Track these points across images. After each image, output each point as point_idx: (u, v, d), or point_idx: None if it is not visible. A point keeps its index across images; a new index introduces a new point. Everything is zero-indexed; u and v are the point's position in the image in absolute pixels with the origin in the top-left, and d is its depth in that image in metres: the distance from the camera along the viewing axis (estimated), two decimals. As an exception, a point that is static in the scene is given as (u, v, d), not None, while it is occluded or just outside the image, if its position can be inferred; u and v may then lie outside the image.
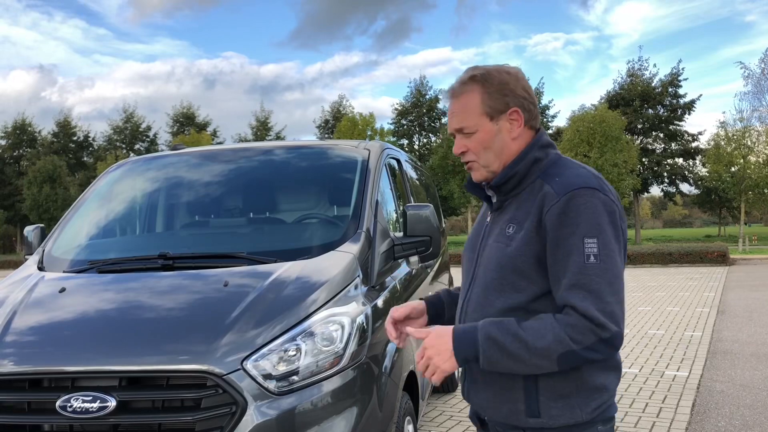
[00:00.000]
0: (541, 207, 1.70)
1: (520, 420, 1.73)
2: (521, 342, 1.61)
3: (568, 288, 1.62)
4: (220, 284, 2.95)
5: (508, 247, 1.73)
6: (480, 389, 1.81)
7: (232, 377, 2.52)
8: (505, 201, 1.83)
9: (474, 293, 1.82)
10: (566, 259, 1.63)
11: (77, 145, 65.73)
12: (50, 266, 3.46)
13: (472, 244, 1.92)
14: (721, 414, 5.34)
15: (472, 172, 1.86)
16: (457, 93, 1.82)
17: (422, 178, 6.13)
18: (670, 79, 48.77)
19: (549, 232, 1.66)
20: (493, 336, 1.63)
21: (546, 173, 1.77)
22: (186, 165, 4.24)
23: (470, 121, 1.80)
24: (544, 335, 1.60)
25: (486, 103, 1.78)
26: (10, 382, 2.64)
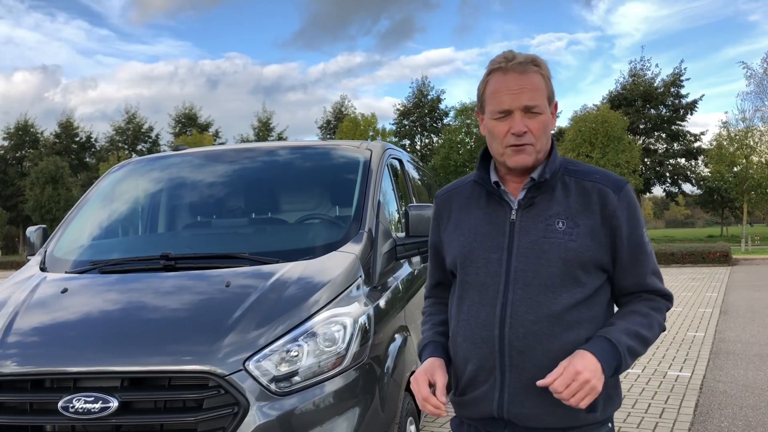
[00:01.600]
0: (602, 204, 1.75)
1: (578, 419, 1.73)
2: (645, 342, 1.75)
3: (648, 275, 1.80)
4: (222, 285, 2.95)
5: (571, 242, 1.72)
6: (529, 397, 1.71)
7: (234, 378, 2.52)
8: (534, 198, 1.77)
9: (519, 294, 1.72)
10: (639, 250, 1.78)
11: (79, 145, 65.84)
12: (52, 267, 3.46)
13: (489, 245, 1.79)
14: (723, 415, 5.33)
15: (522, 155, 1.73)
16: (523, 69, 1.73)
17: (424, 178, 6.13)
18: (672, 79, 48.73)
19: (619, 228, 1.75)
20: (631, 347, 1.72)
21: (566, 169, 1.82)
22: (188, 166, 4.24)
23: (540, 100, 1.74)
24: (652, 327, 1.77)
25: (548, 87, 1.77)
26: (13, 383, 2.64)
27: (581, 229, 1.73)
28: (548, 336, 1.70)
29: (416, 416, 3.52)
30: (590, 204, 1.75)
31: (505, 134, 1.74)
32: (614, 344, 1.67)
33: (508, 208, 1.80)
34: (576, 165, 1.84)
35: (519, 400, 1.73)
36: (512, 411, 1.74)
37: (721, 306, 12.05)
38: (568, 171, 1.81)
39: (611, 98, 48.65)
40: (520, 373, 1.72)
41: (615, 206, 1.74)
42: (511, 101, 1.72)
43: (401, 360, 3.24)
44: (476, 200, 1.87)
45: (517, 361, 1.72)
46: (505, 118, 1.74)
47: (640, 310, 1.77)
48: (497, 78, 1.75)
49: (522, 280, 1.73)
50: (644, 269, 1.79)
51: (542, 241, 1.73)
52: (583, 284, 1.73)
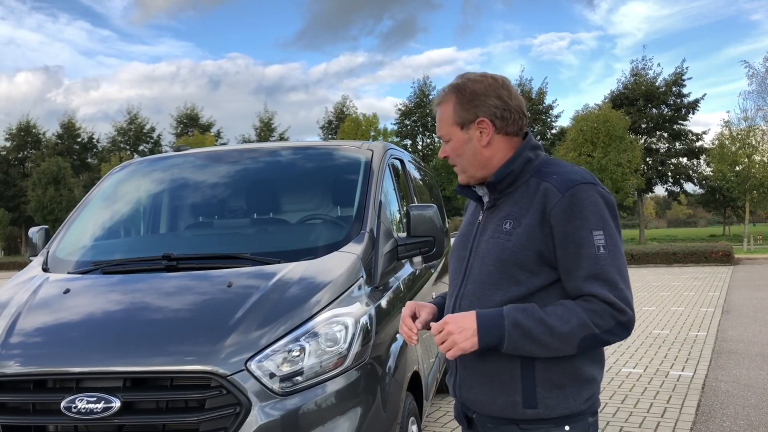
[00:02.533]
0: (544, 203, 1.78)
1: (516, 412, 1.79)
2: (546, 327, 1.69)
3: (584, 279, 1.73)
4: (224, 285, 2.95)
5: (508, 242, 1.80)
6: (474, 383, 1.86)
7: (236, 378, 2.53)
8: (498, 200, 1.90)
9: (468, 289, 1.88)
10: (578, 252, 1.73)
11: (81, 146, 65.92)
12: (55, 267, 3.46)
13: (462, 243, 1.98)
14: (726, 414, 5.33)
15: (459, 174, 1.96)
16: (437, 102, 1.95)
17: (426, 178, 6.13)
18: (674, 78, 48.68)
19: (557, 227, 1.75)
20: (520, 322, 1.70)
21: (539, 172, 1.87)
22: (190, 166, 4.24)
23: (444, 129, 1.94)
24: (568, 320, 1.70)
25: (457, 113, 1.90)
26: (15, 383, 2.65)
27: (521, 229, 1.79)
28: None
29: (418, 416, 3.52)
30: (533, 203, 1.80)
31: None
32: (502, 315, 1.72)
33: (481, 210, 1.98)
34: (550, 167, 1.87)
35: (466, 386, 1.90)
36: (463, 396, 1.92)
37: (723, 305, 12.04)
38: (539, 173, 1.86)
39: (613, 98, 48.61)
40: (465, 362, 1.87)
41: (553, 206, 1.75)
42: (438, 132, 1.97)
43: (403, 360, 3.25)
44: (471, 203, 2.08)
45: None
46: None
47: (564, 303, 1.73)
48: None
49: (472, 276, 1.88)
50: (582, 272, 1.72)
51: (489, 241, 1.86)
52: (519, 282, 1.78)
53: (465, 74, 1.94)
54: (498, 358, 1.79)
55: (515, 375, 1.78)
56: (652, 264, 23.70)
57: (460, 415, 2.00)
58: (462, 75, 1.94)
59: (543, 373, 1.77)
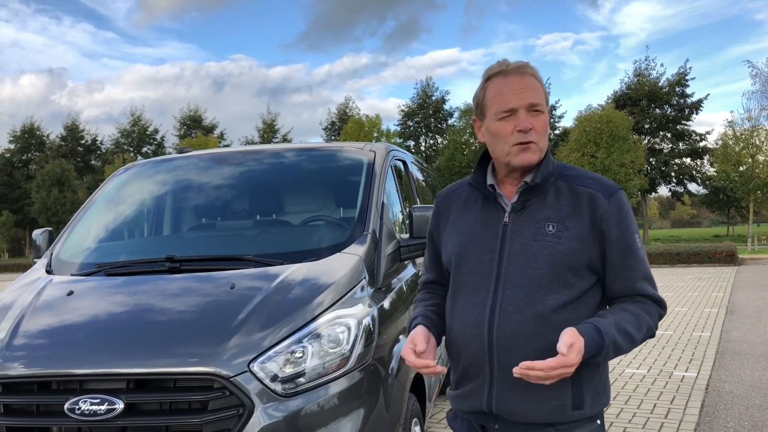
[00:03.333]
0: (592, 208, 1.78)
1: (565, 414, 1.78)
2: (629, 339, 1.75)
3: (636, 280, 1.80)
4: (227, 287, 2.96)
5: (559, 245, 1.75)
6: (516, 393, 1.77)
7: (239, 379, 2.53)
8: (527, 201, 1.82)
9: (508, 294, 1.77)
10: (629, 255, 1.79)
11: (85, 148, 66.09)
12: (58, 269, 3.48)
13: (482, 246, 1.84)
14: (730, 415, 5.31)
15: (528, 153, 1.77)
16: (523, 72, 1.79)
17: (428, 179, 6.13)
18: (677, 78, 48.66)
19: (609, 232, 1.78)
20: (616, 342, 1.72)
21: (562, 174, 1.85)
22: (193, 168, 4.25)
23: (541, 99, 1.79)
24: (641, 327, 1.78)
25: (544, 91, 1.82)
26: (19, 385, 2.66)
27: (570, 233, 1.77)
28: (534, 336, 1.75)
29: (421, 417, 3.52)
30: (580, 208, 1.79)
31: (511, 132, 1.77)
32: (603, 336, 1.69)
33: (502, 211, 1.85)
34: (571, 170, 1.88)
35: (507, 397, 1.79)
36: (500, 407, 1.80)
37: (727, 306, 12.02)
38: (562, 176, 1.85)
39: (616, 98, 48.59)
40: (508, 371, 1.75)
41: (605, 210, 1.78)
42: (516, 100, 1.76)
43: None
44: (473, 202, 1.93)
45: (504, 359, 1.76)
46: (509, 117, 1.77)
47: (631, 309, 1.79)
48: (498, 81, 1.80)
49: (511, 281, 1.78)
50: (634, 273, 1.80)
51: (532, 243, 1.78)
52: (571, 286, 1.77)
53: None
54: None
55: (566, 380, 1.72)
56: (655, 264, 23.65)
57: (473, 428, 1.90)
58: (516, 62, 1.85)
59: (587, 373, 1.79)
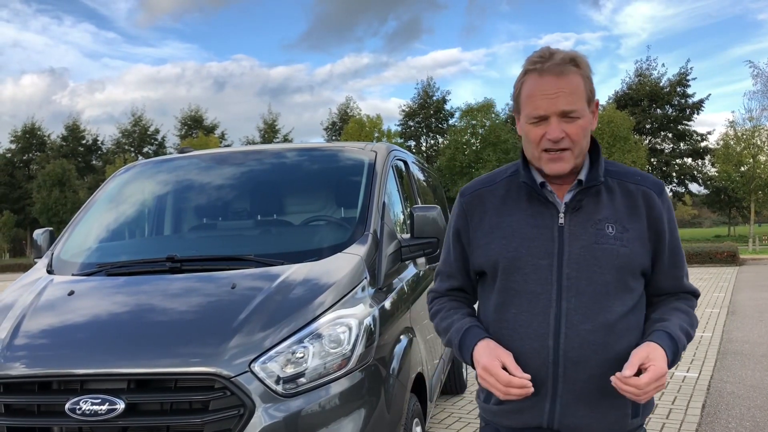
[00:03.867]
0: (648, 207, 1.74)
1: (625, 424, 1.76)
2: (689, 338, 1.75)
3: (683, 278, 1.82)
4: (228, 287, 2.95)
5: (623, 248, 1.68)
6: (581, 406, 1.69)
7: (240, 379, 2.53)
8: (581, 201, 1.71)
9: (573, 303, 1.66)
10: (678, 254, 1.80)
11: (86, 148, 66.17)
12: (59, 269, 3.47)
13: (538, 250, 1.71)
14: (731, 415, 5.31)
15: (560, 162, 1.66)
16: (560, 71, 1.63)
17: (429, 179, 6.13)
18: (679, 78, 48.65)
19: (663, 233, 1.75)
20: (684, 345, 1.73)
21: (609, 171, 1.77)
22: (194, 168, 4.25)
23: (579, 104, 1.64)
24: (693, 324, 1.79)
25: (587, 88, 1.67)
26: (20, 385, 2.66)
27: (631, 234, 1.69)
28: (603, 345, 1.67)
29: (422, 418, 3.52)
30: (637, 207, 1.72)
31: (540, 139, 1.66)
32: (676, 342, 1.68)
33: (555, 210, 1.72)
34: (614, 165, 1.80)
35: (571, 411, 1.70)
36: (564, 421, 1.70)
37: (728, 306, 12.01)
38: (609, 172, 1.76)
39: (617, 98, 48.58)
40: (574, 384, 1.68)
41: (660, 209, 1.74)
42: (548, 106, 1.63)
43: (406, 361, 3.24)
44: (515, 201, 1.78)
45: (572, 372, 1.67)
46: (540, 123, 1.65)
47: (681, 308, 1.78)
48: (533, 80, 1.66)
49: (575, 288, 1.67)
50: (681, 271, 1.81)
51: (594, 247, 1.67)
52: (632, 290, 1.72)
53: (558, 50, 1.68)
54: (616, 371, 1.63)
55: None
56: (656, 265, 23.59)
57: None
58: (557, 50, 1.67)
59: None
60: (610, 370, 1.64)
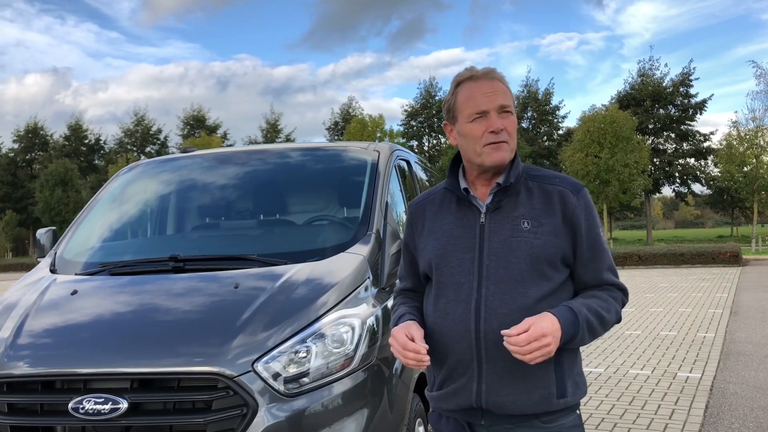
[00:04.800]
0: (563, 204, 1.89)
1: (551, 404, 1.85)
2: (601, 320, 1.85)
3: (603, 270, 1.92)
4: (231, 286, 2.96)
5: (536, 239, 1.85)
6: (504, 385, 1.84)
7: (242, 379, 2.53)
8: (501, 201, 1.91)
9: (492, 289, 1.84)
10: (596, 248, 1.91)
11: (88, 148, 66.26)
12: (62, 269, 3.47)
13: (462, 246, 1.91)
14: (734, 416, 5.30)
15: (500, 152, 1.87)
16: (492, 76, 1.90)
17: (432, 179, 6.12)
18: (681, 78, 48.56)
19: (579, 226, 1.89)
20: (590, 321, 1.82)
21: (529, 175, 1.96)
22: (197, 167, 4.25)
23: (510, 101, 1.90)
24: (610, 310, 1.88)
25: (512, 95, 1.94)
26: (23, 384, 2.66)
27: (545, 228, 1.86)
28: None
29: (425, 417, 3.52)
30: (552, 204, 1.89)
31: (482, 134, 1.87)
32: (576, 314, 1.79)
33: (478, 212, 1.94)
34: (537, 170, 1.99)
35: (495, 389, 1.84)
36: (489, 400, 1.85)
37: (731, 307, 11.99)
38: (530, 176, 1.96)
39: (620, 98, 48.52)
40: (496, 364, 1.83)
41: (574, 206, 1.89)
42: (487, 102, 1.86)
43: (410, 361, 3.24)
44: (447, 206, 2.01)
45: (493, 353, 1.82)
46: (481, 119, 1.87)
47: (599, 295, 1.90)
48: (468, 86, 1.90)
49: (494, 276, 1.85)
50: (601, 265, 1.92)
51: (510, 240, 1.86)
52: (549, 278, 1.86)
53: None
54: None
55: (550, 368, 1.83)
56: (659, 265, 23.61)
57: (459, 426, 1.94)
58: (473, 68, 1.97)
59: (568, 361, 1.88)
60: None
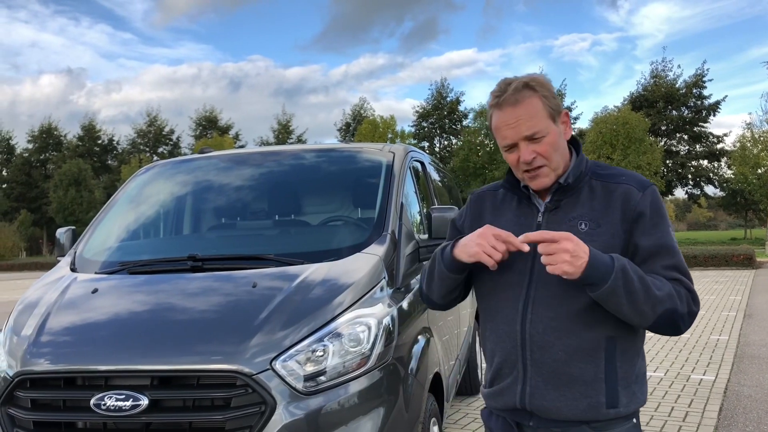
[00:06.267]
0: (624, 202, 1.81)
1: (599, 413, 1.77)
2: (644, 285, 1.70)
3: (668, 268, 1.78)
4: (249, 286, 2.99)
5: (592, 242, 1.74)
6: (550, 390, 1.79)
7: (261, 377, 2.56)
8: (561, 201, 1.86)
9: (542, 293, 1.80)
10: (661, 246, 1.78)
11: (102, 148, 66.70)
12: (82, 267, 3.52)
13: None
14: (749, 419, 5.28)
15: (539, 178, 1.83)
16: (515, 100, 1.81)
17: (445, 180, 6.15)
18: (695, 80, 48.26)
19: (641, 224, 1.79)
20: (626, 270, 1.68)
21: (596, 174, 1.89)
22: (213, 168, 4.29)
23: (540, 125, 1.80)
24: (661, 287, 1.72)
25: (548, 105, 1.83)
26: (46, 381, 2.71)
27: (602, 230, 1.79)
28: (567, 332, 1.77)
29: (439, 417, 3.54)
30: (612, 203, 1.82)
31: (517, 163, 1.84)
32: (612, 258, 1.69)
33: (536, 210, 1.90)
34: (605, 169, 1.91)
35: (540, 393, 1.80)
36: (534, 403, 1.81)
37: (745, 309, 11.91)
38: (596, 175, 1.89)
39: (632, 99, 48.30)
40: (541, 367, 1.79)
41: (637, 203, 1.80)
42: (512, 135, 1.81)
43: (424, 361, 3.27)
44: (509, 203, 1.97)
45: (538, 356, 1.79)
46: (512, 150, 1.84)
47: (655, 275, 1.75)
48: (496, 114, 1.85)
49: (543, 279, 1.80)
50: (666, 263, 1.78)
51: None
52: None
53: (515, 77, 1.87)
54: (582, 360, 1.76)
55: (599, 375, 1.77)
56: (672, 267, 23.40)
57: (508, 425, 1.92)
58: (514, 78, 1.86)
59: (622, 372, 1.79)
60: (575, 357, 1.77)
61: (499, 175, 44.35)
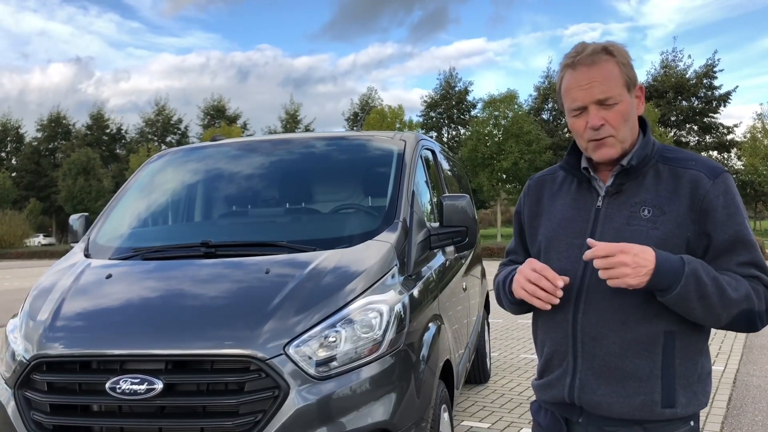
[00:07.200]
0: (693, 189, 1.68)
1: (653, 412, 1.67)
2: (719, 288, 1.59)
3: (743, 264, 1.66)
4: (262, 272, 3.01)
5: (654, 230, 1.66)
6: (601, 385, 1.70)
7: (274, 362, 2.58)
8: (623, 185, 1.74)
9: (597, 282, 1.66)
10: (736, 239, 1.66)
11: (110, 137, 66.98)
12: (96, 253, 3.55)
13: (573, 230, 1.77)
14: (758, 408, 5.28)
15: (604, 148, 1.71)
16: (592, 61, 1.69)
17: (455, 168, 6.15)
18: (705, 70, 47.93)
19: (712, 214, 1.66)
20: (698, 275, 1.58)
21: (663, 157, 1.76)
22: (225, 156, 4.31)
23: (614, 90, 1.68)
24: (738, 288, 1.61)
25: (624, 73, 1.71)
26: (62, 364, 2.74)
27: (667, 217, 1.67)
28: (621, 324, 1.67)
29: (449, 404, 3.56)
30: (679, 189, 1.69)
31: (584, 129, 1.72)
32: (683, 262, 1.58)
33: (596, 194, 1.79)
34: (674, 152, 1.79)
35: (590, 387, 1.71)
36: (583, 397, 1.72)
37: (754, 300, 11.86)
38: (664, 158, 1.76)
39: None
40: (592, 360, 1.70)
41: (707, 191, 1.67)
42: (584, 97, 1.69)
43: (435, 348, 3.28)
44: (567, 187, 1.87)
45: (590, 348, 1.70)
46: (581, 114, 1.72)
47: (730, 274, 1.65)
48: (568, 75, 1.73)
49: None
50: (741, 258, 1.66)
51: (624, 228, 1.69)
52: None
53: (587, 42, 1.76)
54: (637, 355, 1.66)
55: (655, 373, 1.66)
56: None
57: (556, 420, 1.83)
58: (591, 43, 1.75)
59: (682, 369, 1.68)
60: (629, 351, 1.66)
61: (507, 165, 44.24)
